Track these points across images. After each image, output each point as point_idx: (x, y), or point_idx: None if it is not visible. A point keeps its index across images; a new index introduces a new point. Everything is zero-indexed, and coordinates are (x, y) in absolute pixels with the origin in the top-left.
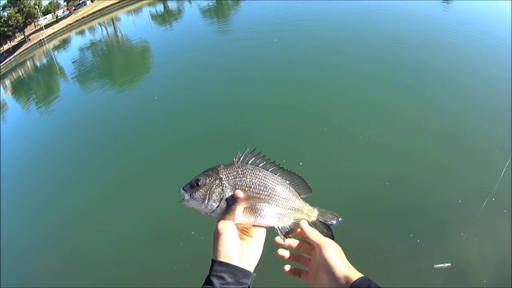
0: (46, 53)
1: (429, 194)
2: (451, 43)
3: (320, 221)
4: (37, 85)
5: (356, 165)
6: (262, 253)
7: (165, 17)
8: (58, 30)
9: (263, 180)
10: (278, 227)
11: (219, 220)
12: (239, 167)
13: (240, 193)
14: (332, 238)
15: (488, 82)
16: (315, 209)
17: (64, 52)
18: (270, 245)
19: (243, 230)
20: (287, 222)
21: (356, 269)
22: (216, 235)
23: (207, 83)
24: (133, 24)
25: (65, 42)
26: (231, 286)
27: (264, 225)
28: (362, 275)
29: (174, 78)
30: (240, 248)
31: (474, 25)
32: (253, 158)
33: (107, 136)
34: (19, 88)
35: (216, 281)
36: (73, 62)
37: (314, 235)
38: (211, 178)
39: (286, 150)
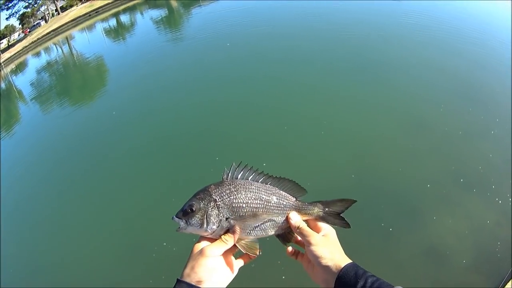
0: (4, 77)
1: (396, 182)
2: (407, 34)
3: (328, 214)
4: None
5: (320, 160)
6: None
7: (119, 31)
8: (15, 54)
9: (257, 193)
10: (279, 234)
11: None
12: (230, 184)
13: (237, 228)
14: (348, 227)
15: (445, 68)
16: (317, 204)
17: (22, 75)
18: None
19: (249, 249)
20: (286, 228)
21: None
22: (196, 256)
23: (164, 91)
24: (87, 41)
25: (22, 65)
26: None
27: (265, 236)
28: (350, 261)
29: (131, 90)
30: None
31: (430, 14)
32: (242, 172)
33: (70, 154)
34: None
35: None
36: (31, 85)
37: (301, 232)
38: (205, 201)
39: (249, 150)
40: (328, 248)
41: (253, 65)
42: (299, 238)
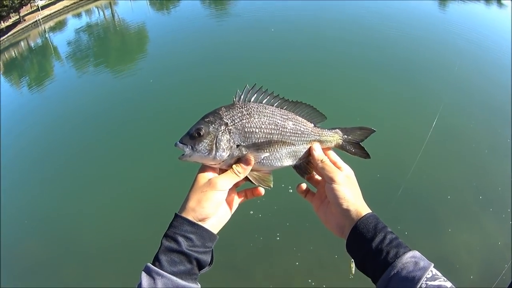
0: (41, 34)
1: (419, 187)
2: (463, 46)
3: (348, 142)
4: (30, 65)
5: (348, 156)
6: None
7: (163, 2)
8: (55, 12)
9: (272, 117)
10: (296, 165)
11: (218, 167)
12: (242, 107)
13: (250, 159)
14: (367, 157)
15: (489, 84)
16: (337, 131)
17: (60, 34)
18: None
19: (261, 181)
20: (304, 158)
21: (344, 261)
22: (203, 188)
23: (202, 65)
24: (131, 8)
25: (61, 24)
26: (198, 249)
27: (281, 167)
28: (370, 211)
29: (170, 61)
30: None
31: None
32: (255, 95)
33: (99, 116)
34: (10, 68)
35: (183, 242)
36: (68, 44)
37: (324, 167)
38: (215, 125)
39: None
40: (352, 190)
41: (299, 51)
42: (316, 173)
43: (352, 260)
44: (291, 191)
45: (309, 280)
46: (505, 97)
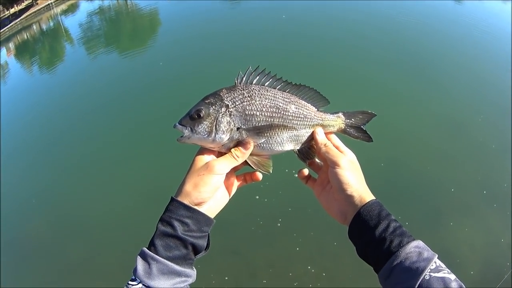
0: (53, 17)
1: (422, 179)
2: (467, 37)
3: (350, 126)
4: (41, 48)
5: (353, 142)
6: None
7: None
8: None
9: (273, 100)
10: (297, 150)
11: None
12: (244, 89)
13: (250, 144)
14: (370, 140)
15: (496, 79)
16: (340, 115)
17: (72, 17)
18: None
19: (261, 166)
20: (306, 142)
21: (344, 249)
22: (200, 171)
23: (213, 52)
24: None
25: (73, 7)
26: (194, 234)
27: (281, 152)
28: (374, 198)
29: (181, 46)
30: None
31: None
32: (258, 77)
33: (109, 99)
34: (23, 51)
35: (179, 226)
36: (80, 27)
37: (327, 151)
38: (216, 106)
39: None
40: (355, 175)
41: (300, 41)
42: (318, 157)
43: None
44: (296, 175)
45: (309, 267)
46: None
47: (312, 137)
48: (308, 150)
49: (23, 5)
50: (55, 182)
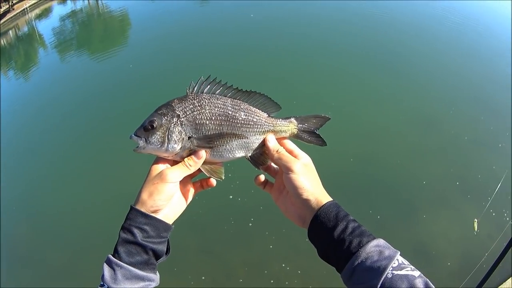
0: (28, 22)
1: (393, 173)
2: (440, 33)
3: (303, 131)
4: (16, 53)
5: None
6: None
7: None
8: None
9: (223, 108)
10: (249, 157)
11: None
12: (194, 98)
13: (202, 153)
14: (324, 144)
15: (466, 73)
16: (292, 120)
17: (46, 21)
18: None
19: (213, 173)
20: (258, 149)
21: None
22: (154, 180)
23: (182, 53)
24: None
25: (47, 11)
26: (153, 240)
27: (233, 159)
28: (331, 199)
29: (151, 47)
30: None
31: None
32: (208, 86)
33: (82, 103)
34: None
35: (138, 233)
36: (53, 31)
37: (280, 157)
38: (167, 117)
39: None
40: (310, 179)
41: (272, 39)
42: (273, 163)
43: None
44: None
45: (283, 265)
46: (488, 85)
47: (264, 144)
48: (260, 157)
49: (1, 11)
50: (32, 188)
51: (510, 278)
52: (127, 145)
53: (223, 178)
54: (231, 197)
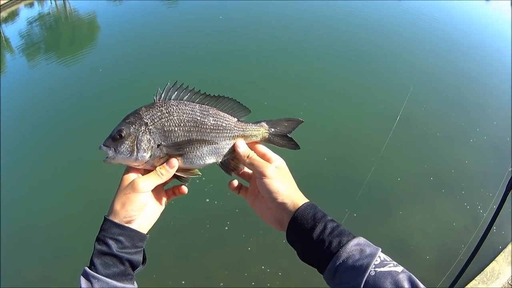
0: None
1: (367, 171)
2: (409, 31)
3: (275, 135)
4: None
5: (294, 138)
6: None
7: None
8: (7, 2)
9: (191, 114)
10: (220, 163)
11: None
12: (162, 106)
13: (174, 162)
14: (297, 148)
15: (435, 70)
16: (262, 124)
17: (12, 25)
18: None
19: (188, 173)
20: (229, 154)
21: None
22: (126, 190)
23: (152, 56)
24: None
25: (13, 14)
26: (129, 250)
27: (204, 166)
28: (307, 201)
29: (120, 51)
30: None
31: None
32: (176, 92)
33: (51, 109)
34: None
35: (113, 244)
36: (20, 35)
37: (251, 162)
38: (135, 125)
39: None
40: (284, 182)
41: (241, 41)
42: (246, 168)
43: None
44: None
45: (263, 267)
46: (460, 80)
47: (233, 149)
48: (231, 162)
49: None
50: (3, 196)
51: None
52: (98, 153)
53: (200, 173)
54: (207, 200)
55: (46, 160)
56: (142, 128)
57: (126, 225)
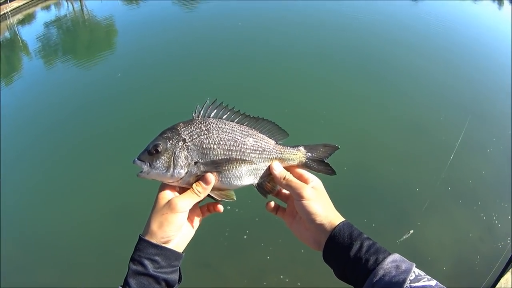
0: (10, 27)
1: (386, 181)
2: (422, 36)
3: (312, 160)
4: None
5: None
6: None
7: None
8: (24, 4)
9: (231, 133)
10: (256, 184)
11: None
12: (201, 123)
13: (211, 177)
14: (333, 173)
15: (455, 79)
16: (300, 148)
17: (29, 27)
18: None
19: (222, 195)
20: (265, 176)
21: (313, 255)
22: (164, 210)
23: (169, 62)
24: (100, 1)
25: (30, 17)
26: (165, 270)
27: (241, 187)
28: (343, 220)
29: (138, 57)
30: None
31: (447, 21)
32: (215, 110)
33: (68, 113)
34: None
35: (149, 265)
36: (37, 37)
37: (288, 183)
38: (173, 141)
39: None
40: (321, 203)
41: (262, 49)
42: (283, 190)
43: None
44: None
45: (282, 276)
46: (477, 91)
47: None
48: (268, 184)
49: None
50: (20, 201)
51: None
52: (115, 159)
53: (235, 199)
54: (228, 207)
55: (58, 165)
56: (180, 144)
57: (164, 245)
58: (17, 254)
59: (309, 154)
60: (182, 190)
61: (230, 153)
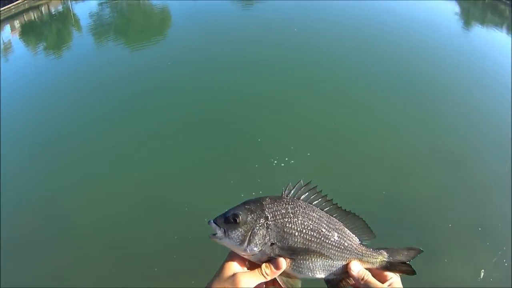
0: (63, 1)
1: (420, 212)
2: (466, 62)
3: (393, 264)
4: (48, 31)
5: (356, 170)
6: None
7: None
8: None
9: (317, 223)
10: (328, 279)
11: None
12: (289, 203)
13: (283, 263)
14: (413, 274)
15: (498, 114)
16: (382, 252)
17: (82, 3)
18: None
19: (288, 283)
20: (339, 273)
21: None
22: (226, 283)
23: (222, 60)
24: None
25: None
26: None
27: (311, 278)
28: None
29: (190, 49)
30: None
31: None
32: (307, 193)
33: (112, 94)
34: (28, 31)
35: None
36: (90, 15)
37: (368, 284)
38: (254, 216)
39: (290, 145)
40: None
41: (306, 57)
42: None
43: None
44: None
45: None
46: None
47: (347, 269)
48: (341, 282)
49: None
50: (46, 181)
51: None
52: (147, 144)
53: (300, 287)
54: None
55: (95, 149)
56: (261, 221)
57: None
58: (36, 231)
59: (391, 258)
60: (250, 263)
61: (310, 243)
